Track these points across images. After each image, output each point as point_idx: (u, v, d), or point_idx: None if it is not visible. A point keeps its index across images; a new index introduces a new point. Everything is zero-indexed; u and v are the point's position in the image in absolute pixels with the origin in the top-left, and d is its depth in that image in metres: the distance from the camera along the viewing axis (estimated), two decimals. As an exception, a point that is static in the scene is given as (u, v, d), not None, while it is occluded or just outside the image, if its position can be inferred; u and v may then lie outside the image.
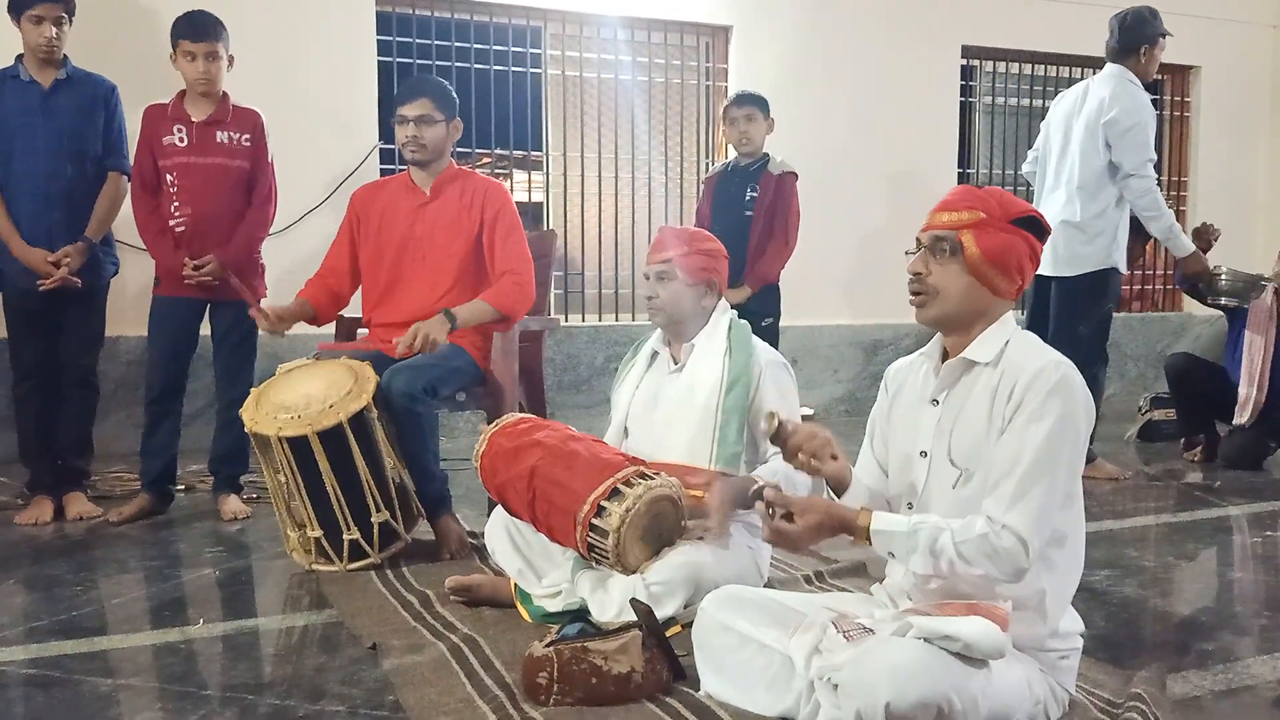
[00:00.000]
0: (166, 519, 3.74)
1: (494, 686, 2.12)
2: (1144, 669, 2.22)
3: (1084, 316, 4.40)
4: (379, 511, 3.00)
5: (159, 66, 3.72)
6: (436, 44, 5.64)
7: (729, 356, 2.64)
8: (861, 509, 1.90)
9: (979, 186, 2.03)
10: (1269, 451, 4.78)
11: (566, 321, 5.86)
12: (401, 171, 3.55)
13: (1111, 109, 4.33)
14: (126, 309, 4.49)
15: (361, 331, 3.66)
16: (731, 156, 4.88)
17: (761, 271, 4.52)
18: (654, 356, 2.84)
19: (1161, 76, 7.52)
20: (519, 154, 5.92)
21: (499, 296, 3.33)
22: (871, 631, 1.82)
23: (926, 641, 1.66)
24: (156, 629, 2.61)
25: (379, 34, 5.44)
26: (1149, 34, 4.45)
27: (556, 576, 2.60)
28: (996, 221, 1.92)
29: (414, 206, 3.44)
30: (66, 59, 3.71)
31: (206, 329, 3.88)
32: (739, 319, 2.77)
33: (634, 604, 2.20)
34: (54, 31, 3.61)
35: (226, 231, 3.74)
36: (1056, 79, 7.15)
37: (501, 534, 2.73)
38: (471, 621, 2.54)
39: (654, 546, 2.45)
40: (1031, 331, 2.12)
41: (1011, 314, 1.98)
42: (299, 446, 2.90)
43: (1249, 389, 4.76)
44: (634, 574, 2.41)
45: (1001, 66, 6.99)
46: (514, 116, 5.84)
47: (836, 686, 1.71)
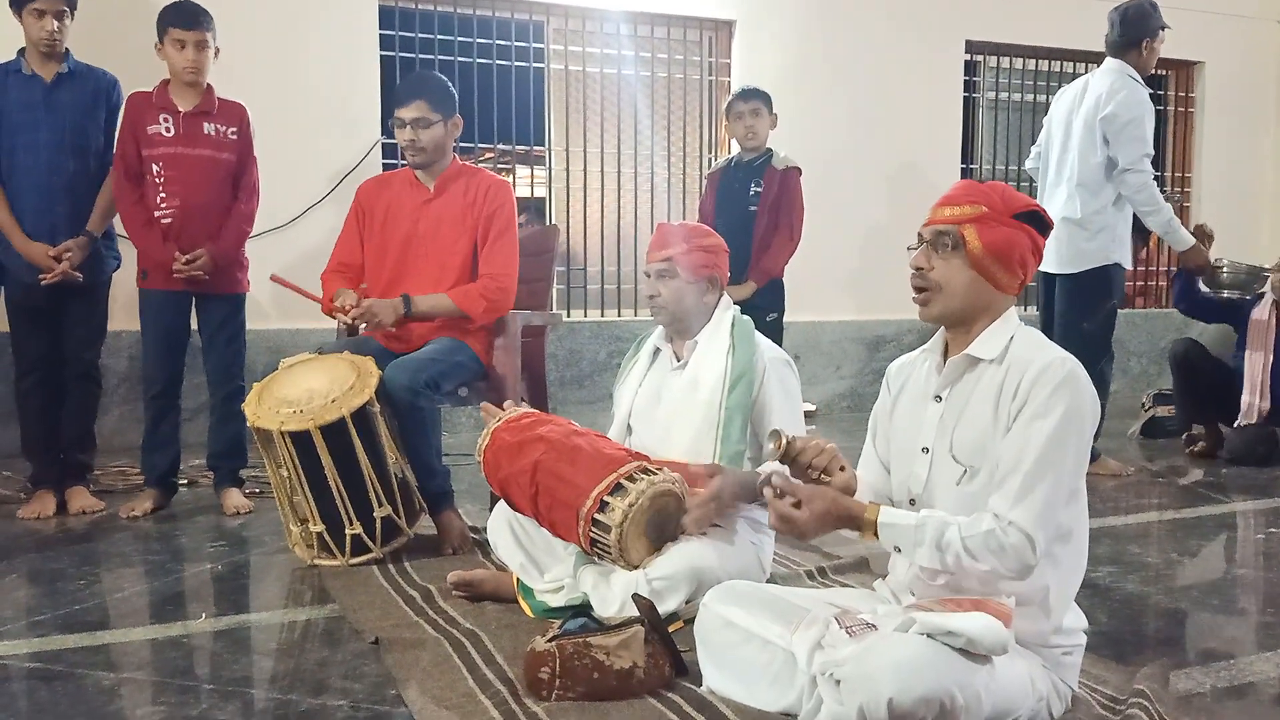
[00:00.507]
0: (169, 513, 3.75)
1: (496, 681, 2.12)
2: (1147, 665, 2.21)
3: (1088, 313, 4.39)
4: (381, 506, 3.00)
5: (160, 61, 3.71)
6: (439, 38, 5.64)
7: (732, 354, 2.63)
8: (869, 503, 1.90)
9: (981, 181, 2.02)
10: (1277, 446, 4.77)
11: (569, 317, 5.86)
12: (405, 167, 3.55)
13: (1108, 104, 4.32)
14: (128, 303, 4.48)
15: (363, 327, 3.65)
16: (734, 152, 4.87)
17: (766, 266, 4.52)
18: (656, 353, 2.84)
19: (1165, 72, 7.51)
20: (521, 149, 5.92)
21: (464, 297, 3.31)
22: (874, 627, 1.82)
23: (930, 637, 1.65)
24: (159, 623, 2.62)
25: (381, 28, 5.43)
26: (1150, 27, 4.42)
27: (559, 571, 2.60)
28: (998, 216, 1.91)
29: (418, 203, 3.44)
30: (68, 53, 3.70)
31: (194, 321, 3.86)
32: (742, 315, 2.77)
33: (636, 599, 2.20)
34: (56, 25, 3.60)
35: (214, 224, 3.71)
36: (1060, 74, 7.13)
37: (504, 529, 2.73)
38: (474, 616, 2.54)
39: (657, 542, 2.45)
40: (1042, 330, 2.11)
41: (1014, 309, 1.98)
42: (301, 441, 2.90)
43: (1252, 397, 4.80)
44: (636, 569, 2.41)
45: (1005, 61, 6.98)
46: (517, 111, 5.84)
47: (839, 682, 1.70)
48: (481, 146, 5.88)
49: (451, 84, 3.51)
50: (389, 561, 3.03)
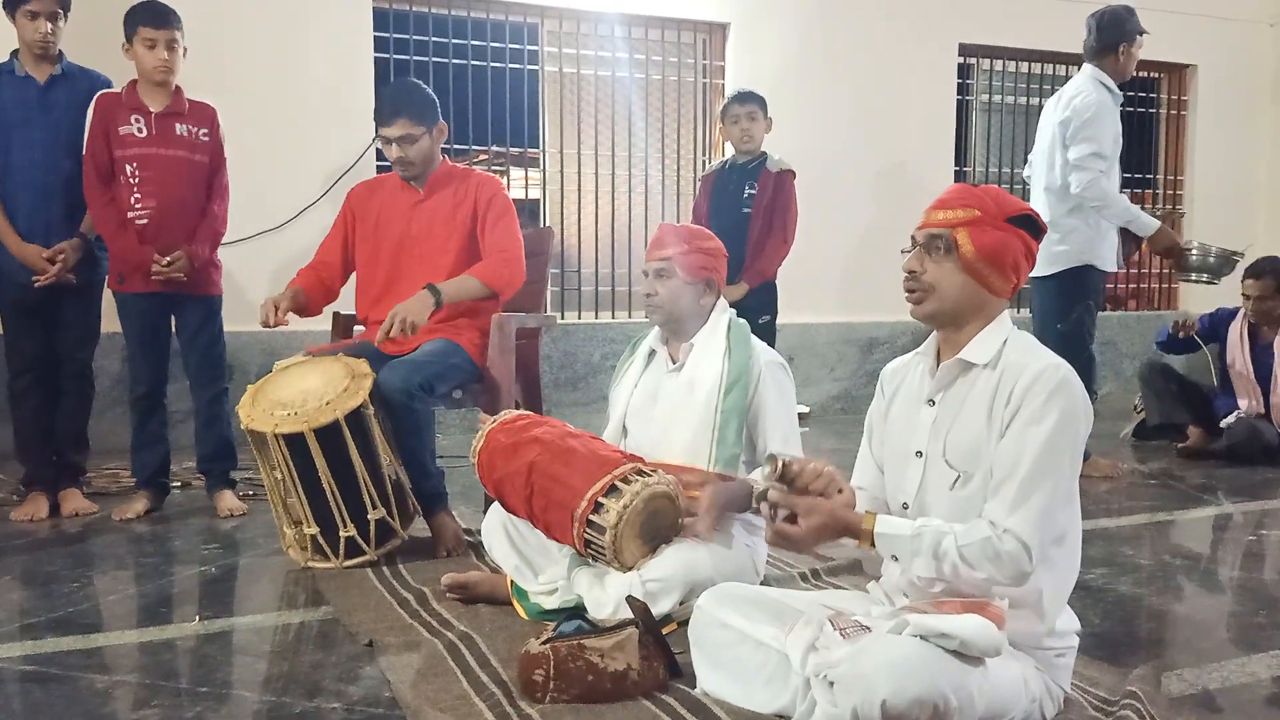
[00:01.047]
0: (162, 515, 3.74)
1: (490, 684, 2.12)
2: (1139, 667, 2.22)
3: (1062, 315, 4.42)
4: (375, 508, 3.00)
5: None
6: (434, 40, 5.64)
7: (728, 356, 2.64)
8: (866, 512, 1.91)
9: (975, 185, 2.03)
10: (1274, 438, 4.86)
11: (563, 319, 5.86)
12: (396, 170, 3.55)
13: (1067, 108, 4.37)
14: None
15: (358, 329, 3.65)
16: (728, 154, 4.88)
17: (760, 269, 4.53)
18: (651, 355, 2.84)
19: (1158, 75, 7.54)
20: (516, 151, 5.93)
21: (487, 271, 3.31)
22: (868, 629, 1.82)
23: (923, 639, 1.66)
24: (153, 625, 2.61)
25: (376, 30, 5.43)
26: (1126, 33, 4.43)
27: (553, 573, 2.60)
28: (992, 220, 1.92)
29: (410, 205, 3.44)
30: (62, 54, 3.70)
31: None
32: (738, 318, 2.77)
33: (631, 601, 2.20)
34: (49, 27, 3.60)
35: (189, 225, 3.68)
36: (1053, 77, 7.15)
37: (498, 531, 2.73)
38: (468, 619, 2.54)
39: (651, 544, 2.45)
40: (1035, 333, 2.12)
41: (1007, 313, 1.99)
42: (295, 444, 2.89)
43: (1247, 400, 4.96)
44: (631, 571, 2.41)
45: (999, 64, 7.00)
46: (511, 113, 5.83)
47: (833, 684, 1.71)
48: (476, 148, 5.89)
49: (441, 86, 3.51)
50: (383, 564, 3.03)
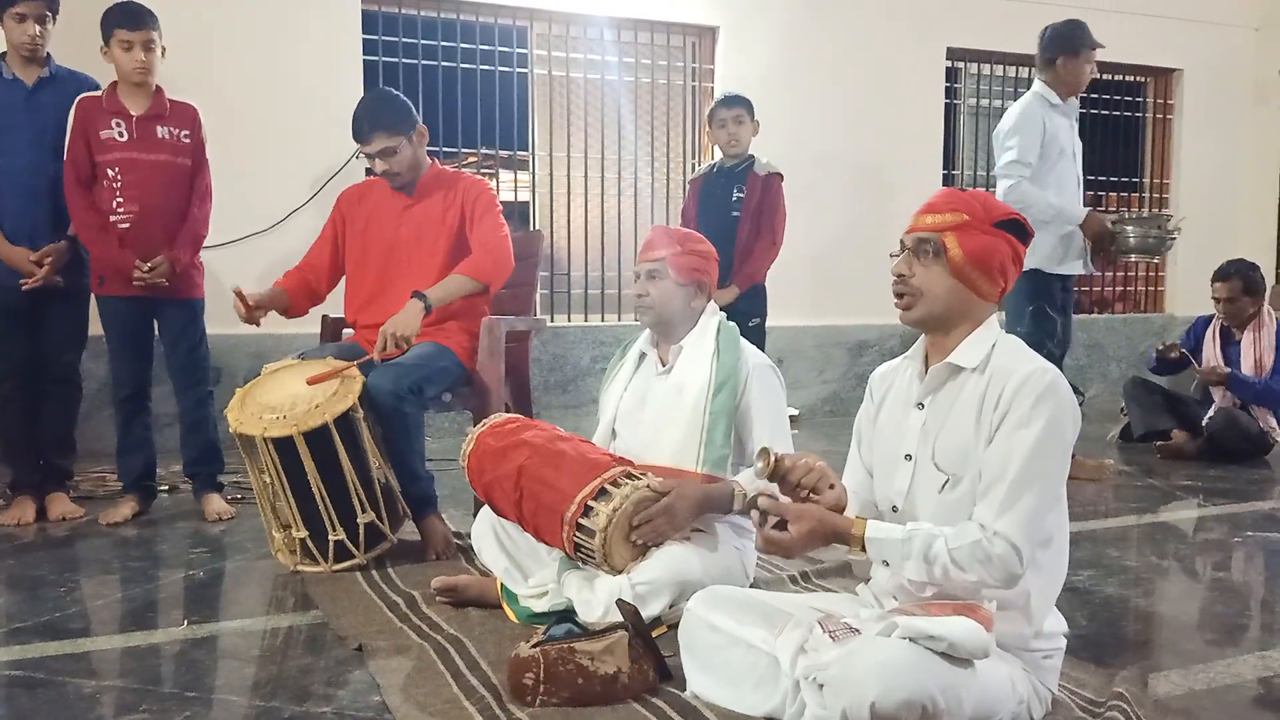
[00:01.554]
0: (150, 519, 3.73)
1: (480, 687, 2.12)
2: (1126, 668, 2.24)
3: (1014, 319, 4.46)
4: (364, 512, 3.00)
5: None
6: (422, 43, 5.63)
7: (717, 358, 2.64)
8: (856, 517, 1.91)
9: (963, 189, 2.03)
10: (1253, 426, 4.94)
11: (553, 322, 5.86)
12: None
13: (1001, 121, 4.52)
14: (109, 308, 4.47)
15: (347, 332, 3.65)
16: (717, 157, 4.89)
17: (749, 272, 4.54)
18: (642, 358, 2.85)
19: (1144, 79, 7.58)
20: (505, 154, 5.92)
21: (473, 266, 3.31)
22: (857, 631, 1.83)
23: (912, 641, 1.67)
24: (140, 630, 2.60)
25: (365, 33, 5.43)
26: (1067, 45, 4.49)
27: (543, 576, 2.60)
28: (979, 224, 1.93)
29: (399, 209, 3.44)
30: (49, 57, 3.69)
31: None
32: (728, 321, 2.78)
33: (620, 604, 2.20)
34: (37, 29, 3.59)
35: (171, 229, 3.67)
36: (1040, 81, 7.18)
37: (488, 534, 2.73)
38: (457, 622, 2.54)
39: (640, 547, 2.45)
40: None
41: (995, 317, 2.00)
42: (284, 447, 2.89)
43: (1221, 401, 5.08)
44: (620, 574, 2.41)
45: (986, 68, 7.03)
46: (500, 116, 5.84)
47: (822, 686, 1.72)
48: (465, 151, 5.89)
49: (430, 89, 3.51)
50: (372, 567, 3.03)
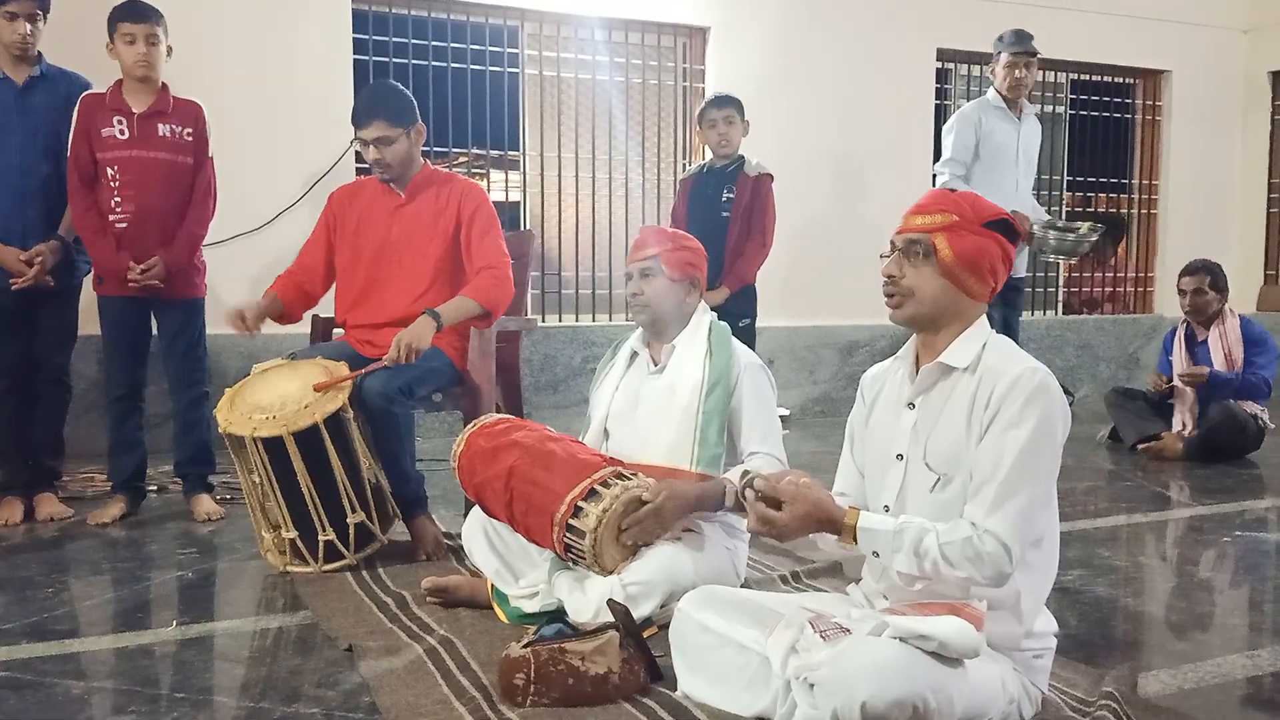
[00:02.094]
0: (139, 520, 3.71)
1: (471, 688, 2.11)
2: (1115, 667, 2.25)
3: None
4: (355, 512, 2.99)
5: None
6: (413, 43, 5.62)
7: (709, 358, 2.65)
8: (849, 507, 1.92)
9: (952, 190, 2.04)
10: (1249, 421, 4.97)
11: (544, 322, 5.85)
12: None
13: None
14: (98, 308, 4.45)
15: (337, 332, 3.64)
16: (707, 158, 4.89)
17: (739, 272, 4.54)
18: (633, 357, 2.84)
19: (1134, 80, 7.61)
20: (496, 153, 5.92)
21: (480, 291, 3.30)
22: (848, 631, 1.83)
23: (903, 641, 1.67)
24: (128, 631, 2.59)
25: (355, 32, 5.41)
26: (997, 48, 4.86)
27: (534, 577, 2.60)
28: (969, 224, 1.94)
29: (391, 209, 3.43)
30: (41, 56, 3.67)
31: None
32: (719, 321, 2.78)
33: (611, 605, 2.20)
34: (28, 28, 3.57)
35: (168, 229, 3.65)
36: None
37: (478, 535, 2.72)
38: (448, 623, 2.53)
39: (631, 547, 2.45)
40: None
41: (985, 317, 2.00)
42: (274, 447, 2.88)
43: (1182, 411, 5.16)
44: (611, 574, 2.41)
45: (976, 69, 7.04)
46: (491, 116, 5.82)
47: (813, 686, 1.72)
48: (455, 151, 5.88)
49: (421, 89, 3.50)
50: (362, 568, 3.02)
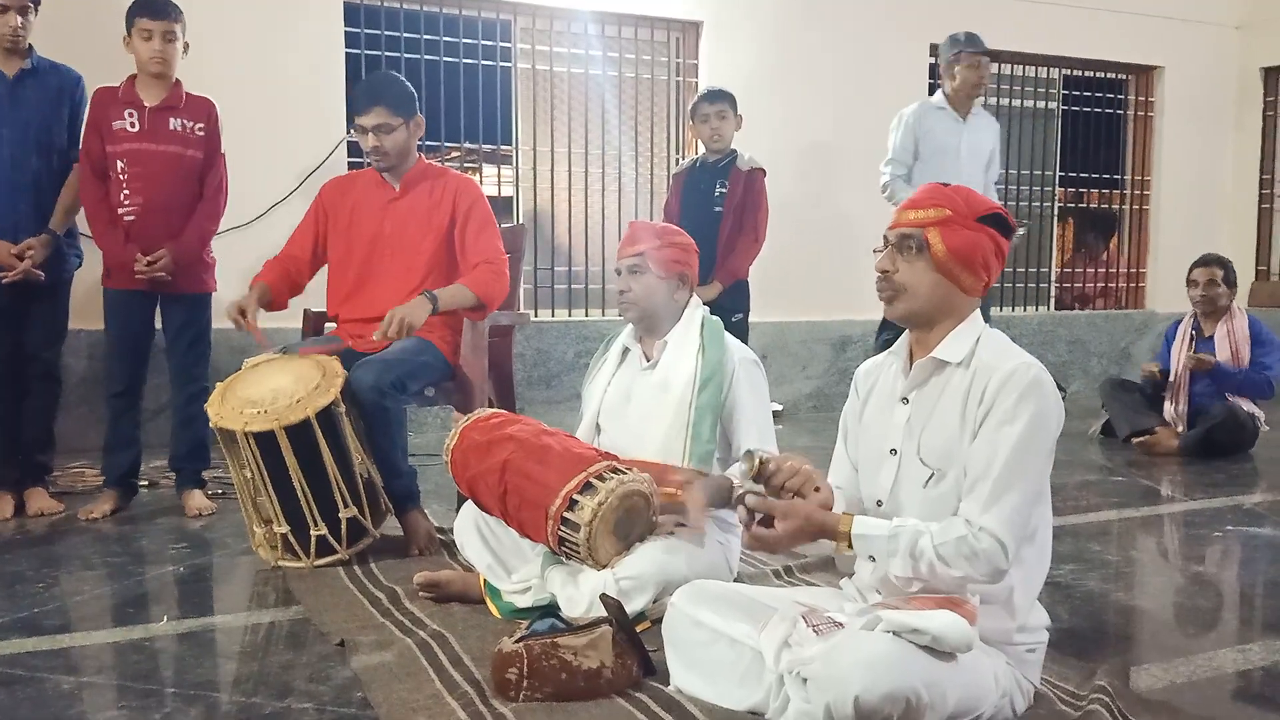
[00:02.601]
0: (129, 515, 3.70)
1: (463, 683, 2.11)
2: (1107, 662, 2.25)
3: None
4: (347, 507, 2.98)
5: (124, 57, 3.66)
6: (405, 36, 5.61)
7: (702, 354, 2.64)
8: (843, 514, 1.92)
9: (945, 185, 2.04)
10: (1249, 420, 5.00)
11: (537, 316, 5.85)
12: (370, 166, 3.53)
13: None
14: (90, 302, 4.41)
15: (329, 326, 3.63)
16: (699, 153, 4.88)
17: (732, 267, 4.54)
18: (625, 353, 2.84)
19: (1127, 77, 7.62)
20: (488, 148, 5.90)
21: (477, 283, 3.30)
22: (841, 626, 1.83)
23: (895, 635, 1.67)
24: (120, 626, 2.58)
25: (347, 26, 5.40)
26: (945, 57, 4.96)
27: (526, 572, 2.59)
28: (962, 219, 1.93)
29: (384, 203, 3.42)
30: (31, 49, 3.65)
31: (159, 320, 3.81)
32: (711, 315, 2.78)
33: (604, 599, 2.20)
34: (19, 21, 3.55)
35: (177, 223, 3.65)
36: (1024, 78, 7.22)
37: (471, 529, 2.72)
38: (440, 618, 2.53)
39: (625, 542, 2.45)
40: None
41: (979, 311, 2.00)
42: (266, 442, 2.87)
43: (1171, 405, 5.17)
44: (605, 569, 2.41)
45: (969, 65, 7.03)
46: (484, 110, 5.81)
47: (806, 680, 1.72)
48: (448, 145, 5.86)
49: (413, 83, 3.49)
50: (354, 563, 3.01)
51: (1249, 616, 2.82)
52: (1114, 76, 7.60)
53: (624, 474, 2.44)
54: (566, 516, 2.37)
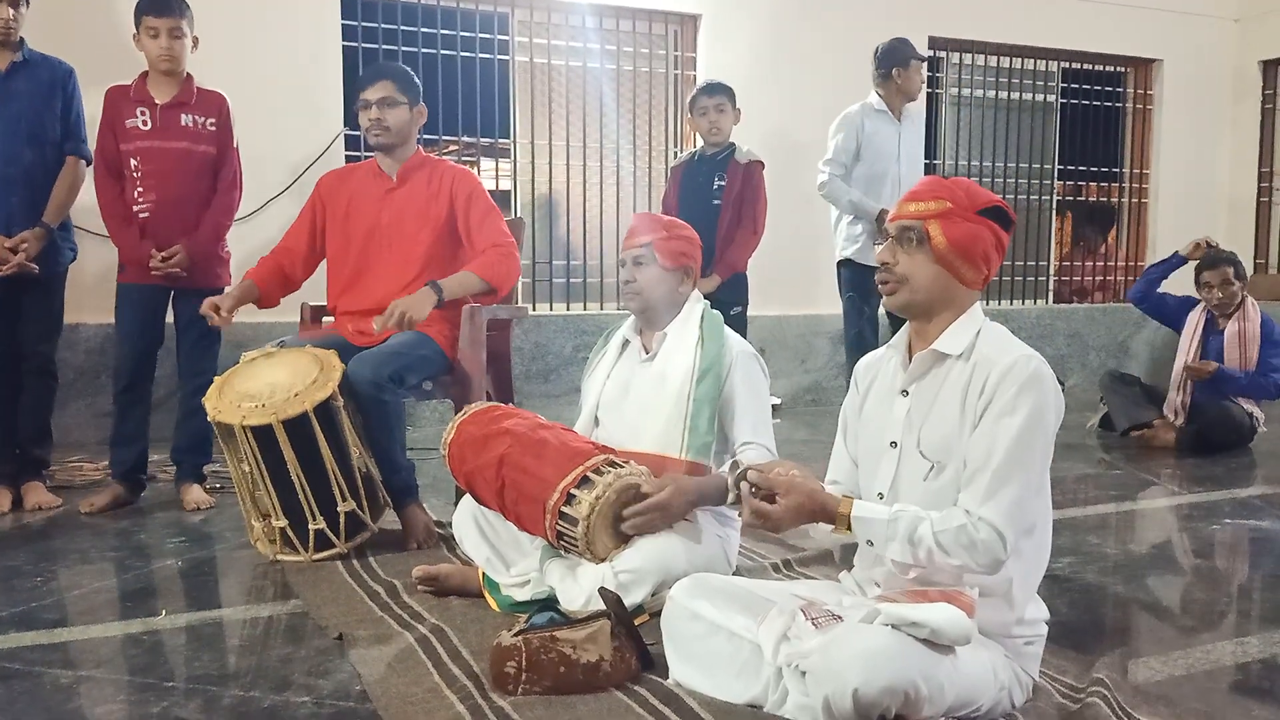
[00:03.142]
0: (128, 509, 3.69)
1: (462, 676, 2.11)
2: (1106, 654, 2.25)
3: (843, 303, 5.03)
4: (345, 501, 2.98)
5: (117, 49, 3.66)
6: (403, 29, 5.59)
7: (701, 346, 2.64)
8: (843, 496, 1.92)
9: (946, 177, 2.04)
10: (1244, 419, 4.98)
11: (535, 310, 5.84)
12: (368, 159, 3.52)
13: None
14: (86, 296, 4.42)
15: (327, 319, 3.62)
16: (698, 145, 4.87)
17: (730, 260, 4.53)
18: (625, 345, 2.84)
19: (1125, 69, 7.62)
20: (486, 141, 5.89)
21: (486, 267, 3.29)
22: (839, 619, 1.83)
23: (894, 628, 1.67)
24: (118, 620, 2.58)
25: (344, 18, 5.38)
26: (898, 58, 4.92)
27: (525, 566, 2.59)
28: (963, 211, 1.93)
29: (381, 193, 3.41)
30: (23, 41, 3.64)
31: (170, 316, 3.81)
32: (711, 309, 2.77)
33: (603, 593, 2.20)
34: (11, 13, 3.54)
35: (191, 218, 3.67)
36: (1022, 71, 7.21)
37: (469, 523, 2.72)
38: (439, 611, 2.53)
39: (623, 535, 2.45)
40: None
41: (979, 304, 2.00)
42: (263, 436, 2.87)
43: (1175, 394, 5.13)
44: (603, 562, 2.41)
45: (968, 58, 7.04)
46: (481, 104, 5.80)
47: (805, 673, 1.72)
48: (446, 138, 5.85)
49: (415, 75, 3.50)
50: (353, 557, 3.01)
51: (1247, 609, 2.83)
52: (1112, 69, 7.59)
53: (621, 468, 2.44)
54: (564, 511, 2.37)
